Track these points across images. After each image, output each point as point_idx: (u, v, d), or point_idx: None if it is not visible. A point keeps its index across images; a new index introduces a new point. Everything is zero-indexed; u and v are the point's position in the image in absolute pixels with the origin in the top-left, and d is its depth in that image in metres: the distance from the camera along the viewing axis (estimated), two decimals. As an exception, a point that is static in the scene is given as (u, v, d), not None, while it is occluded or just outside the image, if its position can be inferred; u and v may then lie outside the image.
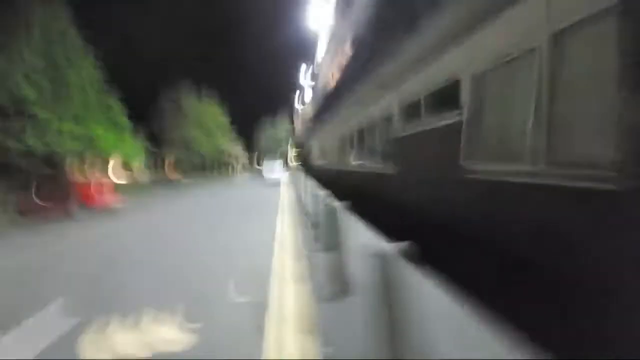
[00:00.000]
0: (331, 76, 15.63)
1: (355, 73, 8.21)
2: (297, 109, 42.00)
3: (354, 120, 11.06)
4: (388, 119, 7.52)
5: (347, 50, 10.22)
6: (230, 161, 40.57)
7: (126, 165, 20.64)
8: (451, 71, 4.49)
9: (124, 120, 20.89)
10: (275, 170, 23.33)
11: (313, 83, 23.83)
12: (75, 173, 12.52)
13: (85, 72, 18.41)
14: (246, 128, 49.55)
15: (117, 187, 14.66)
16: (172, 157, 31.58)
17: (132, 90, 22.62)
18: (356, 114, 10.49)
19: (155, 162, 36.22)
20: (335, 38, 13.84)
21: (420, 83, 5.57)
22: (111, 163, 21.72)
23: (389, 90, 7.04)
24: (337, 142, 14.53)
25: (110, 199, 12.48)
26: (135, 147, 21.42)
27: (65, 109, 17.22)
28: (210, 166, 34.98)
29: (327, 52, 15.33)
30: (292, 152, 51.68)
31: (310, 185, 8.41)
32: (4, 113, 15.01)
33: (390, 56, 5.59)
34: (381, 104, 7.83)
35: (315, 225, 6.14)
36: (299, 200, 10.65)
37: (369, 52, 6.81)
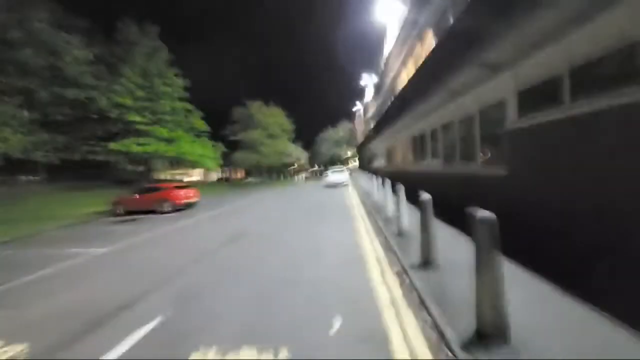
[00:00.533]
0: (403, 70, 14.31)
1: (443, 58, 6.87)
2: (359, 112, 40.96)
3: (434, 116, 9.59)
4: (492, 109, 6.00)
5: (430, 34, 8.85)
6: (293, 164, 41.60)
7: (203, 166, 22.69)
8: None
9: (202, 124, 22.89)
10: (339, 176, 22.55)
11: (378, 81, 22.52)
12: (165, 176, 14.59)
13: (171, 81, 20.52)
14: (309, 136, 50.67)
15: (195, 186, 15.87)
16: (240, 158, 33.70)
17: (211, 107, 25.21)
18: (438, 107, 9.03)
19: (228, 163, 39.40)
20: (410, 24, 12.51)
21: (563, 53, 4.05)
22: (191, 165, 24.25)
23: (498, 72, 5.56)
24: (408, 142, 13.07)
25: (191, 196, 13.69)
26: (211, 149, 23.21)
27: (155, 116, 19.47)
28: (275, 169, 36.36)
29: (399, 43, 14.01)
30: (352, 156, 50.72)
31: (386, 187, 7.32)
32: (106, 118, 17.57)
33: (506, 26, 4.20)
34: (482, 90, 6.32)
35: (401, 234, 5.05)
36: (371, 206, 9.57)
37: (467, 27, 5.44)
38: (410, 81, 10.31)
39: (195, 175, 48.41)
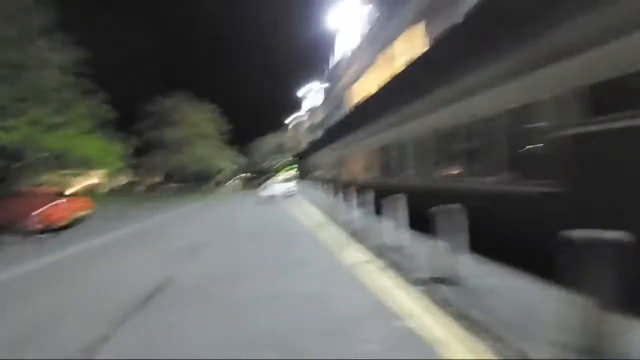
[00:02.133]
0: (366, 75, 13.01)
1: (458, 47, 5.42)
2: (299, 119, 39.33)
3: (430, 118, 8.25)
4: (530, 110, 4.66)
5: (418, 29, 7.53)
6: (222, 170, 36.78)
7: (100, 166, 17.04)
8: None
9: (104, 109, 17.28)
10: (285, 186, 19.89)
11: (327, 85, 21.16)
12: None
13: (58, 47, 14.90)
14: (246, 142, 46.45)
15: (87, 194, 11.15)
16: (158, 160, 27.78)
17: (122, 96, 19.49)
18: (427, 112, 7.70)
19: (141, 165, 32.20)
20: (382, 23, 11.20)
21: None
22: (82, 165, 18.10)
23: (556, 60, 4.20)
24: (376, 151, 11.59)
25: (77, 208, 9.37)
26: (114, 146, 17.74)
27: (28, 90, 13.64)
28: (202, 175, 31.19)
29: (364, 45, 12.69)
30: (289, 165, 48.56)
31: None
32: None
33: None
34: (517, 85, 4.98)
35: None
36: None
37: None
38: (391, 83, 8.85)
39: (95, 178, 38.64)
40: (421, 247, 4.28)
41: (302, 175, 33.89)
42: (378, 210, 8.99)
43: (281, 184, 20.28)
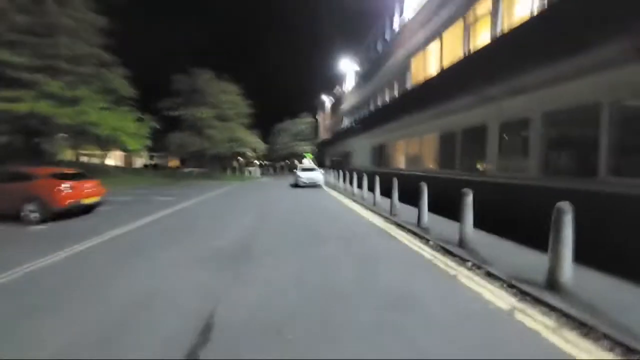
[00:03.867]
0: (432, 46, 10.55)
1: None
2: (327, 103, 37.05)
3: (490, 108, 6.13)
4: None
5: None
6: (243, 155, 35.25)
7: (120, 145, 15.70)
8: None
9: (124, 85, 15.78)
10: (311, 175, 18.19)
11: (362, 69, 18.86)
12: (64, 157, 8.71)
13: (79, 14, 13.34)
14: (266, 126, 44.45)
15: (99, 176, 9.69)
16: (178, 141, 26.44)
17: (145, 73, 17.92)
18: (511, 94, 5.59)
19: (160, 147, 31.09)
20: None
21: None
22: (102, 143, 16.85)
23: None
24: (437, 138, 9.46)
25: (86, 193, 8.11)
26: (133, 123, 16.25)
27: (45, 60, 12.21)
28: (220, 159, 29.77)
29: (430, 8, 10.33)
30: (310, 153, 46.68)
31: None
32: None
33: None
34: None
35: None
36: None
37: None
38: (471, 58, 6.71)
39: (112, 159, 38.15)
40: None
41: (323, 164, 32.02)
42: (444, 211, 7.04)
43: (306, 172, 18.50)
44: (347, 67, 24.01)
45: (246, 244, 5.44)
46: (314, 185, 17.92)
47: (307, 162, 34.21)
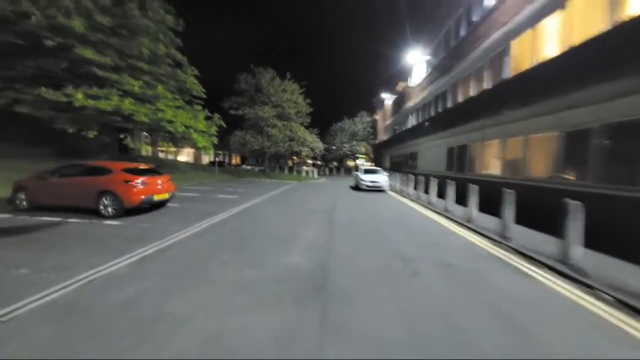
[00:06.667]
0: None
1: None
2: (386, 101, 34.91)
3: None
4: None
5: None
6: (300, 154, 35.16)
7: (191, 142, 16.34)
8: None
9: (195, 84, 16.40)
10: (375, 177, 16.71)
11: (444, 56, 16.56)
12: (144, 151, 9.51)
13: (156, 15, 14.03)
14: (322, 125, 43.88)
15: (171, 172, 9.78)
16: (241, 140, 27.16)
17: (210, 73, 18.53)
18: None
19: (222, 145, 32.72)
20: None
21: None
22: (174, 140, 17.91)
23: None
24: (557, 139, 7.20)
25: (158, 190, 8.09)
26: (203, 121, 16.76)
27: (124, 59, 13.04)
28: (278, 158, 29.93)
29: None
30: (364, 156, 44.83)
31: None
32: (41, 47, 11.12)
33: None
34: None
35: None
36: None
37: None
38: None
39: (184, 156, 41.60)
40: None
41: (378, 166, 30.02)
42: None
43: (370, 175, 17.03)
44: (416, 60, 21.76)
45: (324, 264, 4.32)
46: (377, 190, 16.40)
47: (361, 163, 32.61)
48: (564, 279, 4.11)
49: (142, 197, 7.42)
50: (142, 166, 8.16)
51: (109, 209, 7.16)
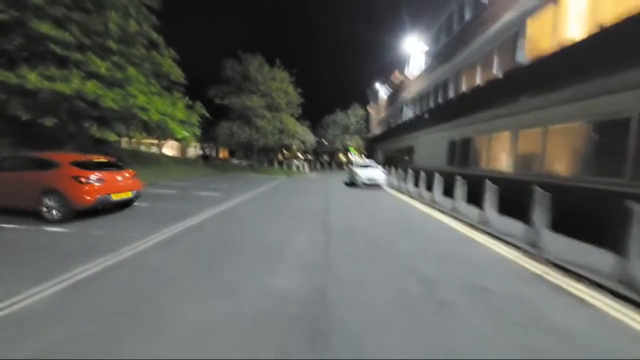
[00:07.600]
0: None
1: None
2: (381, 93, 33.72)
3: None
4: None
5: None
6: (290, 147, 33.68)
7: (169, 132, 14.79)
8: None
9: (173, 68, 14.74)
10: (371, 173, 15.68)
11: (446, 42, 15.48)
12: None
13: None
14: (314, 117, 42.29)
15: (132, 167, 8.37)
16: (227, 131, 25.56)
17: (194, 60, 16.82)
18: None
19: (208, 137, 30.93)
20: None
21: None
22: (150, 130, 16.24)
23: None
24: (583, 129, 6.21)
25: (119, 187, 6.83)
26: (183, 109, 15.18)
27: (90, 37, 11.37)
28: (267, 152, 28.49)
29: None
30: (356, 149, 43.73)
31: None
32: None
33: None
34: None
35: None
36: None
37: None
38: None
39: (168, 149, 39.42)
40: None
41: (374, 160, 29.02)
42: None
43: (366, 170, 15.97)
44: (414, 48, 20.62)
45: (320, 290, 3.19)
46: (374, 186, 15.35)
47: (354, 157, 31.55)
48: (605, 294, 3.12)
49: (97, 196, 6.08)
50: (98, 158, 6.78)
51: (54, 212, 5.82)
